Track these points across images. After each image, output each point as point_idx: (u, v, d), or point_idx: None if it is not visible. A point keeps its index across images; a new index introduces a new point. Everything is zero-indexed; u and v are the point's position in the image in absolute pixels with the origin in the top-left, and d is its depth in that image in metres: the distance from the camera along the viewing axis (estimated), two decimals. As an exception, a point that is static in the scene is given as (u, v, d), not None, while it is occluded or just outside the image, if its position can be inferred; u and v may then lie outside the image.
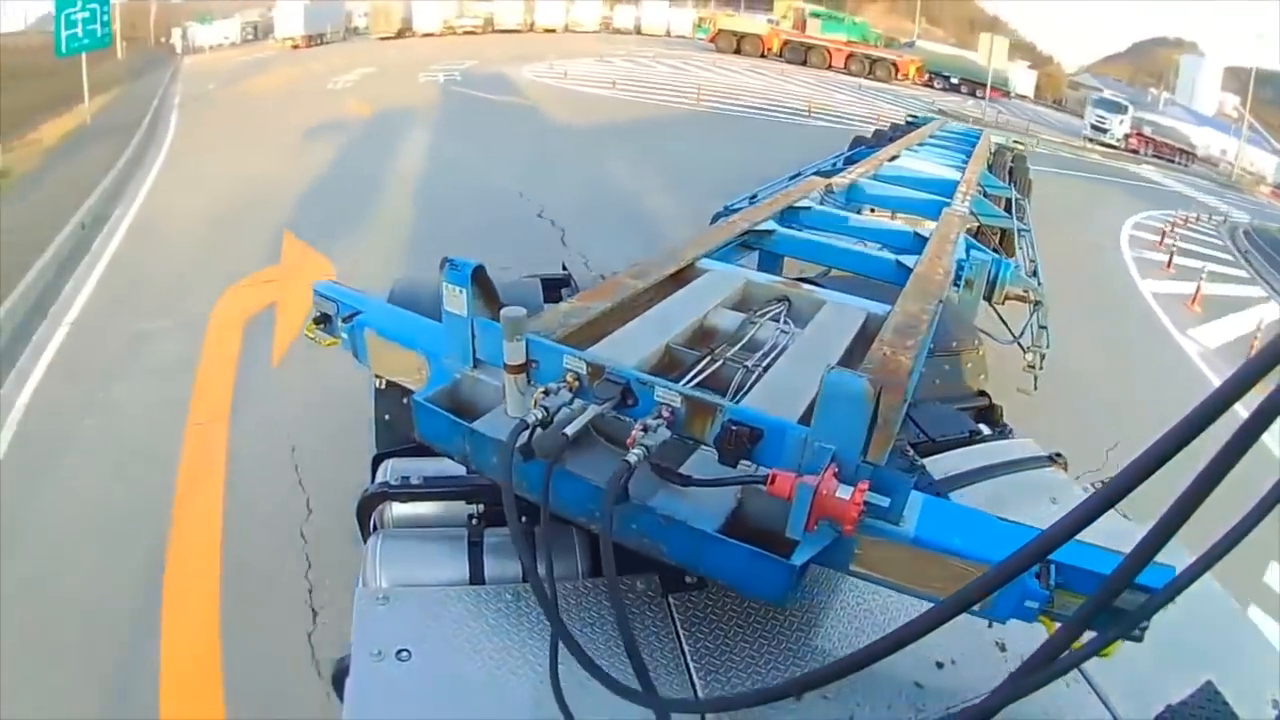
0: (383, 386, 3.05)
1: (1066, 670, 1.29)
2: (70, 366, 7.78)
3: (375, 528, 2.51)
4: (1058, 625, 1.57)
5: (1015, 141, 12.42)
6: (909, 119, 12.96)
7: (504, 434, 1.99)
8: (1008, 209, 7.59)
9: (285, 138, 17.41)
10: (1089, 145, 30.25)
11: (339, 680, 2.12)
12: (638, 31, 45.37)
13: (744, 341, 2.84)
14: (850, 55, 37.14)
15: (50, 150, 16.54)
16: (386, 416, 3.15)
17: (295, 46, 36.52)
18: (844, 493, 1.70)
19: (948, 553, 1.80)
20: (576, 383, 2.10)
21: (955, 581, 1.76)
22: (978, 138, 11.33)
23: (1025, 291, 5.43)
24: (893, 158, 8.35)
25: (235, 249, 10.71)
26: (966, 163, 8.89)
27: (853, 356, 2.89)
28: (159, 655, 4.48)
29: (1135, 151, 30.24)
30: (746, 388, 2.48)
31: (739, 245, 4.39)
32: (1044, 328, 5.57)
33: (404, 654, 1.94)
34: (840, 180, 6.49)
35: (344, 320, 2.68)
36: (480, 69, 28.19)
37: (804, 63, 37.26)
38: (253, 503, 5.73)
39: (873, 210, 6.87)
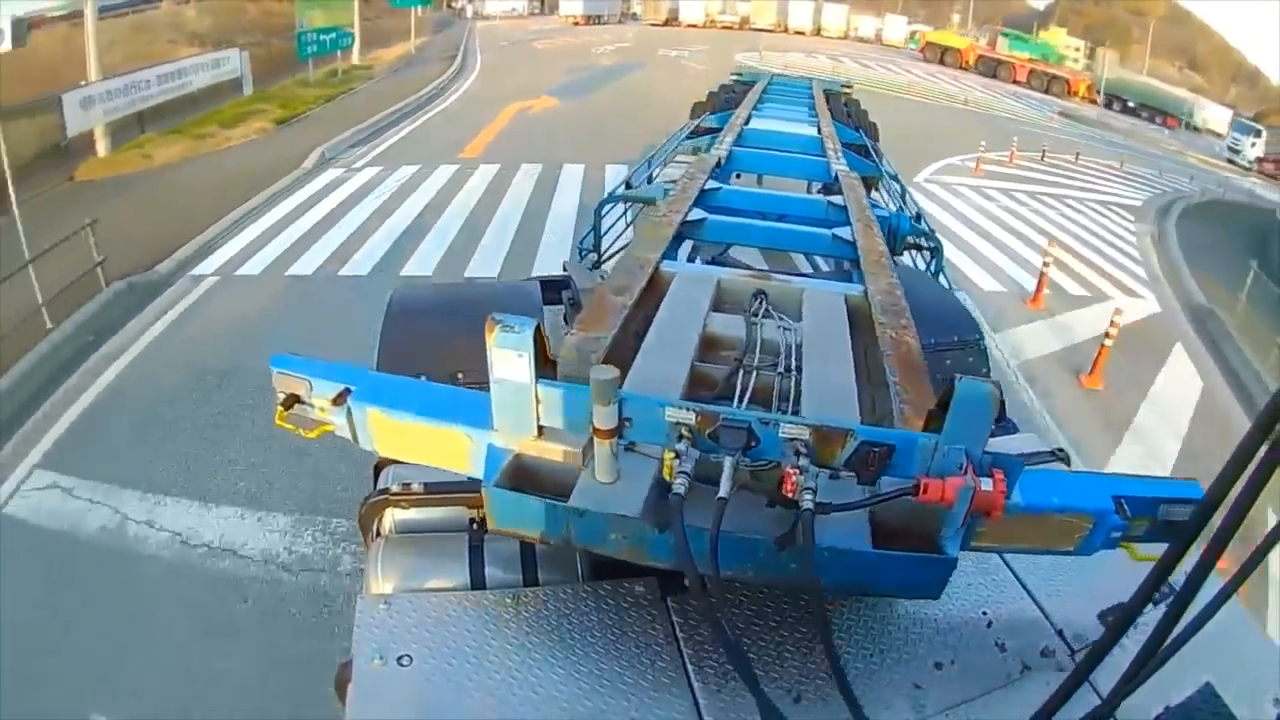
0: None
1: (1181, 645, 1.35)
2: (437, 118, 20.69)
3: (377, 534, 2.61)
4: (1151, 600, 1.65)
5: (844, 87, 13.68)
6: (734, 76, 13.49)
7: (623, 508, 2.04)
8: (865, 156, 8.23)
9: (555, 70, 29.51)
10: (1189, 155, 32.05)
11: (341, 685, 2.18)
12: (879, 41, 52.15)
13: (757, 346, 2.95)
14: (1031, 71, 42.73)
15: (390, 64, 29.67)
16: None
17: (575, 23, 48.95)
18: (986, 485, 1.90)
19: (1050, 511, 2.10)
20: (690, 436, 2.07)
21: (1054, 534, 2.15)
22: (807, 88, 12.12)
23: (922, 240, 5.82)
24: (745, 121, 8.66)
25: (517, 97, 23.14)
26: (813, 116, 9.63)
27: (866, 345, 3.11)
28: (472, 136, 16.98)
29: (1268, 175, 31.12)
30: (793, 396, 2.62)
31: (675, 238, 4.39)
32: (941, 270, 5.83)
33: (405, 659, 2.03)
34: (720, 153, 6.72)
35: (334, 402, 2.33)
36: (706, 51, 38.24)
37: (994, 75, 43.22)
38: (509, 133, 18.95)
39: (738, 177, 7.13)
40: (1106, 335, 9.73)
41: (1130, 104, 39.75)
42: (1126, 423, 9.00)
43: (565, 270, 4.78)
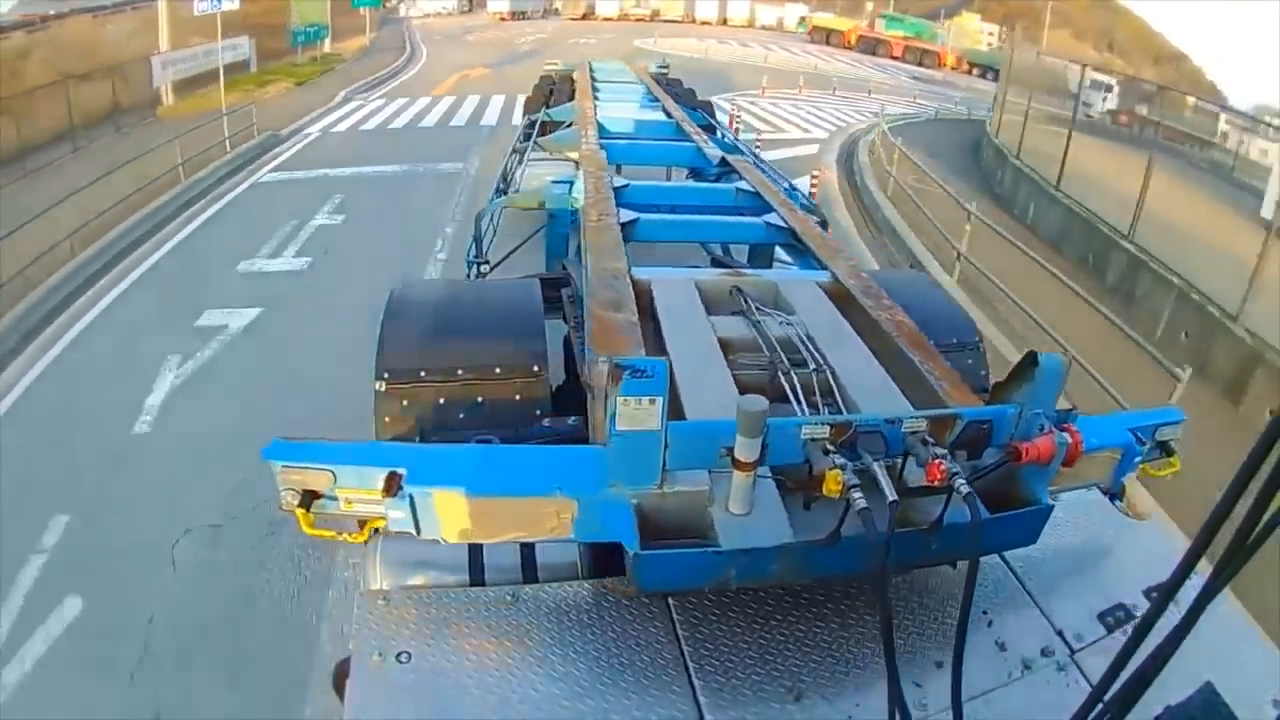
0: (383, 390, 3.16)
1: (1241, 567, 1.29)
2: (407, 81, 30.66)
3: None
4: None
5: (661, 67, 14.67)
6: (548, 66, 14.11)
7: (784, 536, 2.15)
8: (712, 134, 8.82)
9: (486, 54, 39.08)
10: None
11: (339, 682, 2.25)
12: (780, 28, 60.10)
13: (772, 344, 3.16)
14: (906, 48, 51.72)
15: (355, 52, 39.08)
16: (387, 419, 3.20)
17: (502, 19, 57.52)
18: (1066, 439, 2.24)
19: (1093, 450, 2.50)
20: (833, 448, 2.14)
21: (1095, 470, 2.65)
22: (629, 71, 12.97)
23: (808, 214, 6.00)
24: (594, 112, 8.81)
25: (459, 68, 32.99)
26: (652, 100, 10.20)
27: (864, 329, 3.37)
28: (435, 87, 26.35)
29: (1123, 125, 37.71)
30: (836, 391, 2.86)
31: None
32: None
33: (404, 656, 2.10)
34: (592, 147, 6.80)
35: (387, 491, 2.17)
36: (611, 39, 46.56)
37: (873, 52, 51.70)
38: (458, 85, 28.17)
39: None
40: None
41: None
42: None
43: (564, 268, 4.84)
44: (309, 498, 2.17)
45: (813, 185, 14.53)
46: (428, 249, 12.36)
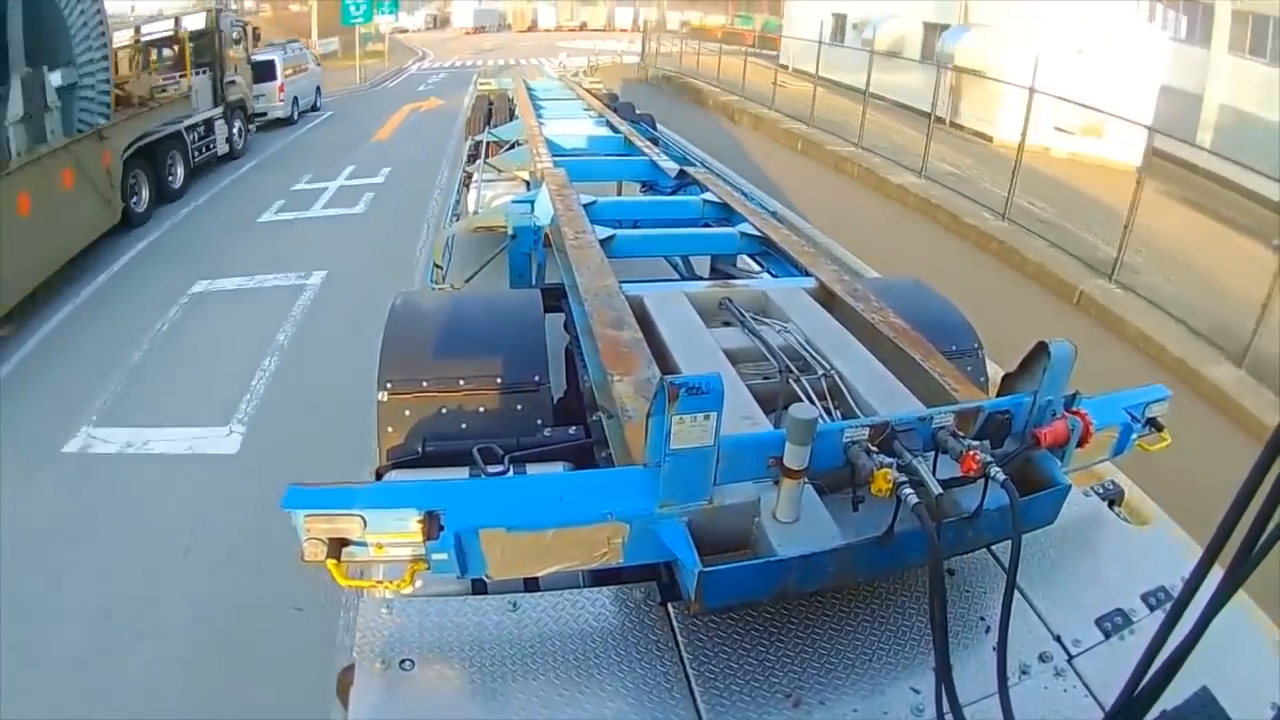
0: (385, 399, 3.38)
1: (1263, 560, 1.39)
2: (433, 58, 61.65)
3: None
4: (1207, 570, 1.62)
5: (585, 74, 16.52)
6: (483, 84, 15.12)
7: (837, 539, 2.31)
8: (656, 144, 9.51)
9: (468, 50, 67.57)
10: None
11: (343, 689, 2.37)
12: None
13: (775, 352, 3.41)
14: (756, 37, 74.67)
15: (384, 52, 67.01)
16: (390, 429, 3.38)
17: (467, 33, 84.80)
18: (1080, 421, 2.57)
19: (1099, 429, 2.74)
20: (874, 448, 2.32)
21: (1097, 448, 2.85)
22: (563, 87, 14.88)
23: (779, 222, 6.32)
24: (540, 129, 9.19)
25: (458, 57, 62.98)
26: (595, 115, 11.23)
27: (859, 331, 3.67)
28: (450, 60, 57.80)
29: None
30: (848, 395, 3.13)
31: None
32: None
33: (407, 664, 2.23)
34: (545, 165, 7.11)
35: (428, 535, 2.20)
36: (545, 42, 66.95)
37: (730, 42, 74.01)
38: (461, 60, 59.03)
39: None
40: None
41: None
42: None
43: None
44: (337, 546, 2.19)
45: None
46: (467, 83, 28.90)
